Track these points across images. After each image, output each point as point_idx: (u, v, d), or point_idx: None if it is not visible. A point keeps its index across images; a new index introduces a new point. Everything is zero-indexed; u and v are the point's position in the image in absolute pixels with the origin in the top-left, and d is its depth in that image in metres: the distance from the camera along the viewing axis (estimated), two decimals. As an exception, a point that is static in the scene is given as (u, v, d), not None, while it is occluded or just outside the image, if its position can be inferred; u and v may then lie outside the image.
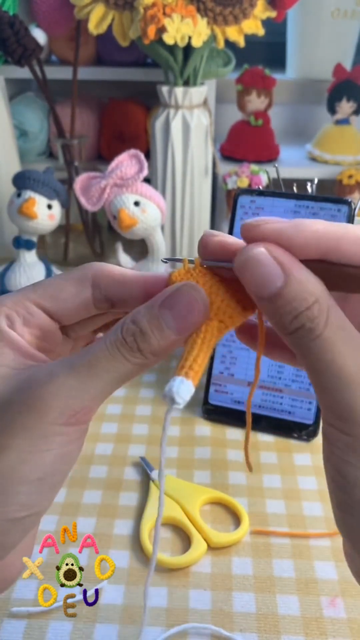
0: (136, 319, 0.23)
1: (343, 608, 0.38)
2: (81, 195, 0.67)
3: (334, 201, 0.50)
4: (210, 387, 0.56)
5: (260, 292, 0.22)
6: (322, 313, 0.21)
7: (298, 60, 1.00)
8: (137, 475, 0.49)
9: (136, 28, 0.66)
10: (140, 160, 0.65)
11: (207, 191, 0.81)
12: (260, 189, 0.55)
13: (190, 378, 0.23)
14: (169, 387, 0.23)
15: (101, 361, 0.22)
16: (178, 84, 0.71)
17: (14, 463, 0.22)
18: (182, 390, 0.23)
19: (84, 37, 0.76)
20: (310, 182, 0.61)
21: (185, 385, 0.23)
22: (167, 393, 0.23)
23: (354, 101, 0.88)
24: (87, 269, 0.26)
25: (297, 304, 0.21)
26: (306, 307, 0.21)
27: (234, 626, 0.37)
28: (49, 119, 0.92)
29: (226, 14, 0.66)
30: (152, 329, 0.23)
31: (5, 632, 0.37)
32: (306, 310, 0.21)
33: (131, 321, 0.23)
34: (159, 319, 0.23)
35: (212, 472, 0.49)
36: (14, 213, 0.69)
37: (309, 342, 0.21)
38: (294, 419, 0.53)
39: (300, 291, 0.21)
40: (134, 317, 0.23)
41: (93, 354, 0.22)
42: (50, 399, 0.22)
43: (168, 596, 0.39)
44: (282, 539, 0.43)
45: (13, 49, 0.66)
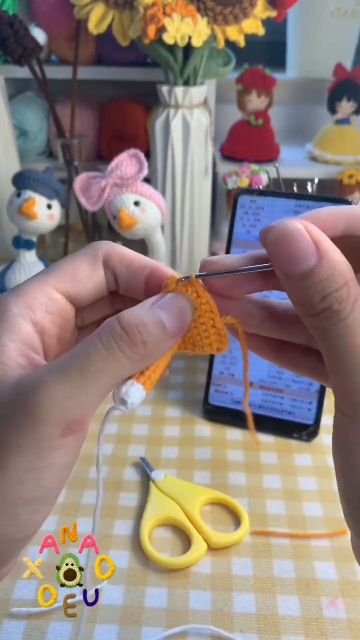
0: (137, 312, 0.22)
1: (343, 608, 0.38)
2: (81, 195, 0.67)
3: (334, 201, 0.50)
4: (210, 388, 0.56)
5: (292, 268, 0.21)
6: (350, 296, 0.21)
7: (298, 59, 0.99)
8: (137, 476, 0.49)
9: (136, 28, 0.66)
10: (140, 160, 0.65)
11: (207, 191, 0.80)
12: (260, 189, 0.55)
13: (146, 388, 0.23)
14: (126, 390, 0.23)
15: (95, 362, 0.21)
16: (178, 83, 0.71)
17: (12, 484, 0.20)
18: (136, 398, 0.23)
19: (84, 36, 0.76)
20: (311, 181, 0.61)
21: (141, 393, 0.23)
22: (122, 395, 0.23)
23: (354, 101, 0.88)
24: (98, 248, 0.26)
25: (328, 285, 0.21)
26: (336, 288, 0.21)
27: (234, 627, 0.37)
28: (48, 118, 0.92)
29: (226, 13, 0.66)
30: (153, 323, 0.22)
31: (5, 632, 0.36)
32: (335, 291, 0.21)
33: (132, 315, 0.22)
34: (159, 316, 0.23)
35: (212, 473, 0.49)
36: (13, 213, 0.69)
37: (334, 325, 0.21)
38: (295, 419, 0.53)
39: (333, 272, 0.21)
40: (134, 310, 0.22)
41: (85, 354, 0.21)
42: (43, 414, 0.20)
43: (168, 597, 0.39)
44: (282, 540, 0.43)
45: (13, 49, 0.66)
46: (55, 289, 0.24)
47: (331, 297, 0.21)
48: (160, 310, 0.23)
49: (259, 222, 0.53)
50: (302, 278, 0.21)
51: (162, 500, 0.45)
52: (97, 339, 0.21)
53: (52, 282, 0.24)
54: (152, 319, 0.22)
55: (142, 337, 0.22)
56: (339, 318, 0.21)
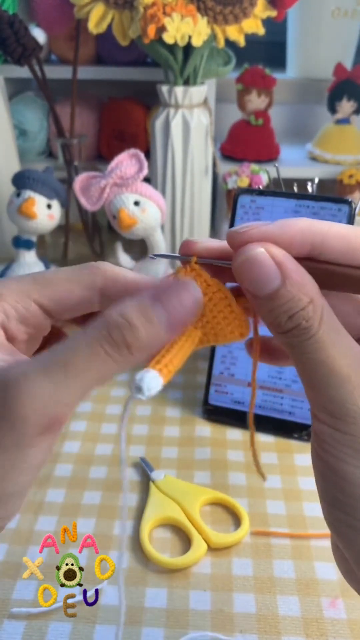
0: (124, 311, 0.21)
1: (343, 609, 0.38)
2: (81, 195, 0.67)
3: (334, 201, 0.50)
4: (210, 388, 0.56)
5: (258, 291, 0.22)
6: (316, 313, 0.21)
7: (298, 59, 0.99)
8: (137, 476, 0.49)
9: (136, 27, 0.66)
10: (140, 160, 0.65)
11: (207, 191, 0.80)
12: (260, 189, 0.55)
13: (163, 375, 0.22)
14: (141, 376, 0.21)
15: (79, 360, 0.20)
16: (178, 83, 0.71)
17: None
18: (153, 384, 0.21)
19: (84, 36, 0.76)
20: (311, 181, 0.61)
21: (157, 380, 0.22)
22: (137, 382, 0.21)
23: (354, 100, 0.88)
24: (97, 274, 0.24)
25: (293, 304, 0.21)
26: (301, 307, 0.21)
27: (234, 627, 0.37)
28: (48, 118, 0.92)
29: (226, 13, 0.66)
30: (142, 321, 0.21)
31: (5, 632, 0.36)
32: (301, 310, 0.21)
33: (119, 314, 0.21)
34: (150, 311, 0.21)
35: (212, 473, 0.49)
36: (13, 213, 0.69)
37: (303, 342, 0.21)
38: (295, 419, 0.53)
39: (297, 291, 0.21)
40: (122, 310, 0.21)
41: (70, 351, 0.20)
42: (24, 411, 0.20)
43: (168, 597, 0.39)
44: (282, 540, 0.43)
45: (13, 49, 0.66)
46: (36, 302, 0.23)
47: (298, 315, 0.21)
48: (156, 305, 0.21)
49: (259, 222, 0.53)
50: (269, 299, 0.22)
51: (162, 501, 0.45)
52: (83, 337, 0.21)
53: (36, 297, 0.23)
54: (141, 319, 0.21)
55: (125, 339, 0.21)
56: (308, 335, 0.21)
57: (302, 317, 0.21)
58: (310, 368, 0.22)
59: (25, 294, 0.23)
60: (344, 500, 0.22)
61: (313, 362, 0.21)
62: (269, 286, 0.21)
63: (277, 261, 0.21)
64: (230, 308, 0.24)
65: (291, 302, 0.21)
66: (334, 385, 0.21)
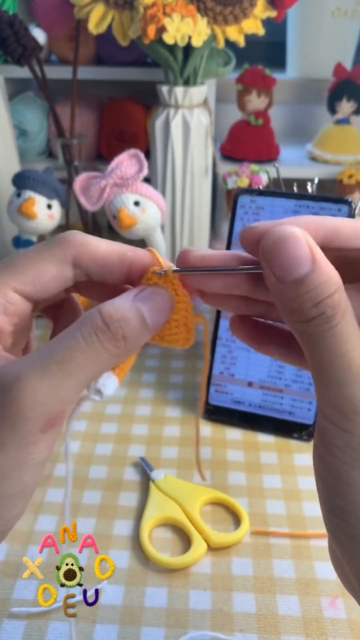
0: (118, 307, 0.22)
1: (343, 608, 0.38)
2: (81, 195, 0.67)
3: (334, 201, 0.50)
4: (210, 388, 0.56)
5: (286, 274, 0.21)
6: (341, 302, 0.21)
7: (298, 60, 1.00)
8: (137, 476, 0.49)
9: (136, 27, 0.66)
10: (140, 160, 0.65)
11: (207, 191, 0.80)
12: (260, 189, 0.55)
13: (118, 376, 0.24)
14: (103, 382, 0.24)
15: (77, 357, 0.21)
16: (178, 83, 0.71)
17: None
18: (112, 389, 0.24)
19: (84, 36, 0.76)
20: (311, 181, 0.61)
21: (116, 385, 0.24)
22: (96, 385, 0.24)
23: (354, 101, 0.88)
24: (67, 247, 0.24)
25: (320, 291, 0.20)
26: (328, 294, 0.20)
27: (234, 627, 0.37)
28: (48, 118, 0.92)
29: (226, 13, 0.66)
30: (135, 316, 0.22)
31: (5, 632, 0.36)
32: (328, 298, 0.20)
33: (113, 308, 0.22)
34: (141, 311, 0.22)
35: (212, 472, 0.49)
36: (13, 213, 0.69)
37: (324, 332, 0.21)
38: (295, 419, 0.53)
39: (326, 278, 0.21)
40: (114, 305, 0.22)
41: (66, 348, 0.21)
42: (23, 410, 0.20)
43: (168, 597, 0.39)
44: (282, 540, 0.43)
45: (13, 49, 0.66)
46: (15, 290, 0.23)
47: (324, 303, 0.21)
48: (142, 305, 0.23)
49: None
50: (296, 284, 0.21)
51: (162, 500, 0.45)
52: (79, 333, 0.21)
53: (13, 284, 0.23)
54: (134, 314, 0.22)
55: (123, 332, 0.22)
56: (330, 325, 0.21)
57: (328, 305, 0.20)
58: (326, 361, 0.21)
59: (2, 283, 0.23)
60: (344, 507, 0.21)
61: (330, 355, 0.21)
62: (300, 270, 0.21)
63: (309, 245, 0.21)
64: (185, 320, 0.25)
65: (319, 288, 0.20)
66: (348, 382, 0.20)
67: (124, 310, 0.22)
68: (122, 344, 0.22)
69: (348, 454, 0.20)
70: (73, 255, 0.24)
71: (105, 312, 0.22)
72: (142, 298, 0.23)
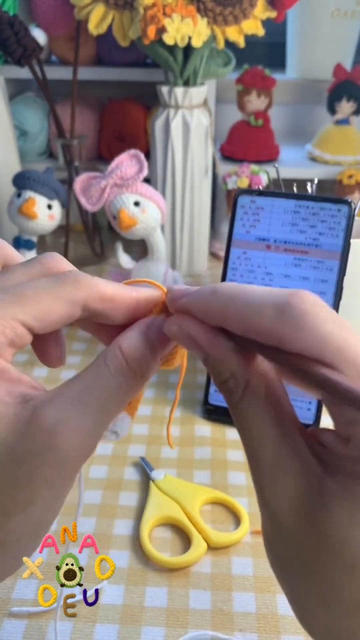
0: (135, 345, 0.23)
1: (343, 608, 0.38)
2: (81, 196, 0.67)
3: (334, 201, 0.50)
4: (210, 387, 0.56)
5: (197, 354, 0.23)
6: (238, 386, 0.22)
7: (298, 60, 1.00)
8: (137, 475, 0.49)
9: (136, 28, 0.66)
10: (140, 160, 0.65)
11: (207, 191, 0.81)
12: (260, 189, 0.55)
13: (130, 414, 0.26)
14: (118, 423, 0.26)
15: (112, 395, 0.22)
16: (178, 84, 0.71)
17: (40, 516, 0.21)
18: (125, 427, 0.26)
19: (84, 37, 0.76)
20: (310, 182, 0.61)
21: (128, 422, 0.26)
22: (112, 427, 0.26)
23: (354, 101, 0.88)
24: (78, 289, 0.23)
25: (215, 376, 0.22)
26: (223, 379, 0.22)
27: (234, 626, 0.37)
28: (49, 119, 0.92)
29: (226, 14, 0.66)
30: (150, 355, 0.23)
31: (5, 632, 0.37)
32: (223, 382, 0.22)
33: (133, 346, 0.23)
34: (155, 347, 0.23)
35: (212, 472, 0.49)
36: (14, 213, 0.69)
37: (230, 409, 0.22)
38: (294, 419, 0.53)
39: (217, 365, 0.22)
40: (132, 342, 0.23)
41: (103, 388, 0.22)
42: (69, 450, 0.20)
43: (168, 596, 0.39)
44: (282, 539, 0.43)
45: (13, 49, 0.66)
46: (23, 324, 0.22)
47: (221, 385, 0.22)
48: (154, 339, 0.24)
49: (258, 222, 0.53)
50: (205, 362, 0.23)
51: (162, 500, 0.45)
52: (108, 371, 0.22)
53: (22, 318, 0.22)
54: (149, 351, 0.23)
55: (141, 370, 0.23)
56: (230, 405, 0.22)
57: (223, 388, 0.22)
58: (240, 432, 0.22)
59: (11, 316, 0.22)
60: None
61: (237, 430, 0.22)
62: (199, 355, 0.23)
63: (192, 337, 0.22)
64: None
65: (214, 374, 0.22)
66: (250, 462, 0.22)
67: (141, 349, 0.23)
68: (141, 379, 0.23)
69: None
70: (83, 300, 0.23)
71: (125, 350, 0.23)
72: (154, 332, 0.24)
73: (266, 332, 0.20)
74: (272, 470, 0.21)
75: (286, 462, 0.21)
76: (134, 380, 0.23)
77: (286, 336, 0.20)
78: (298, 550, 0.20)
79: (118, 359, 0.22)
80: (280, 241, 0.52)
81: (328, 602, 0.20)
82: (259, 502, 0.22)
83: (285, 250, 0.52)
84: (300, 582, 0.20)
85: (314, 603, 0.20)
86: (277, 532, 0.21)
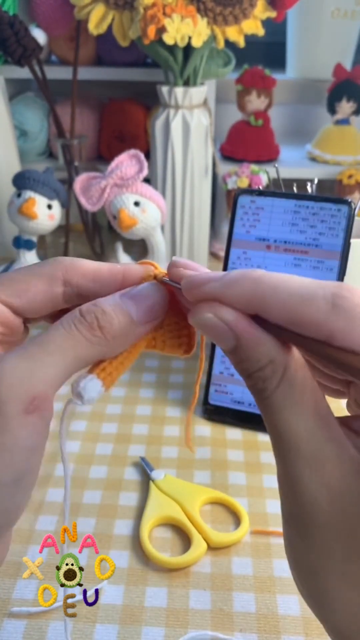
0: (98, 301, 0.23)
1: (343, 608, 0.38)
2: (81, 195, 0.67)
3: (334, 201, 0.50)
4: (210, 387, 0.56)
5: (221, 347, 0.22)
6: (275, 374, 0.21)
7: (298, 60, 1.00)
8: (137, 475, 0.49)
9: (136, 28, 0.66)
10: (140, 160, 0.65)
11: (207, 191, 0.81)
12: (260, 189, 0.55)
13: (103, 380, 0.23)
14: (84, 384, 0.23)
15: (55, 340, 0.22)
16: (178, 84, 0.71)
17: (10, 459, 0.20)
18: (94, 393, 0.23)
19: (84, 37, 0.76)
20: (310, 182, 0.61)
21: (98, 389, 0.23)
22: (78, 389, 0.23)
23: (354, 101, 0.88)
24: (57, 266, 0.25)
25: (249, 365, 0.21)
26: (258, 368, 0.21)
27: (234, 626, 0.37)
28: (49, 119, 0.92)
29: (226, 14, 0.66)
30: (114, 309, 0.23)
31: (5, 632, 0.37)
32: (258, 371, 0.21)
33: (92, 303, 0.23)
34: (122, 303, 0.23)
35: (212, 472, 0.49)
36: (14, 213, 0.69)
37: (261, 401, 0.21)
38: (294, 419, 0.53)
39: (252, 352, 0.21)
40: (95, 301, 0.23)
41: (45, 334, 0.22)
42: (2, 388, 0.20)
43: (168, 596, 0.39)
44: (282, 539, 0.43)
45: (13, 49, 0.66)
46: (4, 303, 0.24)
47: (254, 376, 0.21)
48: (127, 299, 0.23)
49: (258, 222, 0.53)
50: (231, 354, 0.22)
51: (162, 500, 0.45)
52: (60, 323, 0.22)
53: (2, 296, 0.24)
54: (113, 307, 0.23)
55: (99, 322, 0.22)
56: (263, 396, 0.21)
57: (258, 377, 0.21)
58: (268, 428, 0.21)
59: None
60: None
61: (267, 423, 0.21)
62: (227, 345, 0.22)
63: (228, 324, 0.21)
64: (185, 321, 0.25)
65: (247, 362, 0.21)
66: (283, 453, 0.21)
67: (102, 305, 0.23)
68: (99, 332, 0.22)
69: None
70: (62, 272, 0.24)
71: (84, 306, 0.23)
72: (129, 294, 0.24)
73: (315, 324, 0.20)
74: (312, 460, 0.20)
75: (325, 451, 0.20)
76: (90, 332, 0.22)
77: (338, 330, 0.19)
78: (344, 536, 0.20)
79: (73, 313, 0.23)
80: (280, 241, 0.52)
81: None
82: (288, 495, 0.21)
83: (285, 250, 0.52)
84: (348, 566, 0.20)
85: None
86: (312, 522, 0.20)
